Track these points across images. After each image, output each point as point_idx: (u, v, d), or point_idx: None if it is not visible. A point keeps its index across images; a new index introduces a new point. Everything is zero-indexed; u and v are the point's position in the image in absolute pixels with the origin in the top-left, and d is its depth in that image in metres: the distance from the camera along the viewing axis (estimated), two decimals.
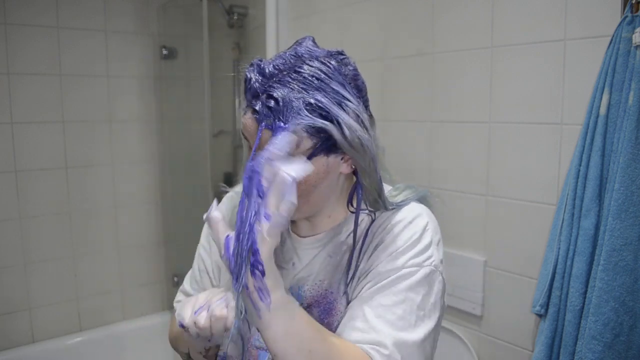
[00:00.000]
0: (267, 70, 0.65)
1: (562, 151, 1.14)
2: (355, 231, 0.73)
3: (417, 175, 1.47)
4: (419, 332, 0.66)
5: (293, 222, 0.79)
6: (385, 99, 1.53)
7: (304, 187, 0.67)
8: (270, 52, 1.83)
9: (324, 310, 0.74)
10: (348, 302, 0.72)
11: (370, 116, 0.72)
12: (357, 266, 0.73)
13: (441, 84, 1.39)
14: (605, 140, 1.00)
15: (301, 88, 0.63)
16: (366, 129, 0.67)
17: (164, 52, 2.13)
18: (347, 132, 0.64)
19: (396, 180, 0.80)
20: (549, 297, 1.10)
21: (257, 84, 0.65)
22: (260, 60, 0.67)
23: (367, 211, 0.74)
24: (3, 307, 1.93)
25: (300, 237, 0.78)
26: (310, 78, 0.64)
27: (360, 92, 0.69)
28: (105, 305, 2.19)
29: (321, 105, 0.63)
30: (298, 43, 0.70)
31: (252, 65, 0.67)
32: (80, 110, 2.05)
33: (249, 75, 0.66)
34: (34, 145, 1.96)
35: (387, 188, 0.78)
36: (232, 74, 2.16)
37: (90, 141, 2.10)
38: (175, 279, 2.23)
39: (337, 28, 1.69)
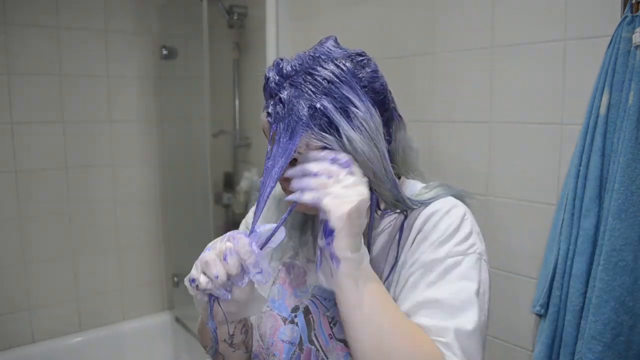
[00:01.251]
0: (284, 70, 0.65)
1: (562, 151, 1.14)
2: (369, 233, 0.71)
3: None
4: (478, 320, 0.64)
5: None
6: None
7: None
8: (270, 52, 1.82)
9: None
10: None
11: (390, 120, 0.71)
12: (396, 259, 0.71)
13: (441, 84, 1.39)
14: (605, 140, 1.00)
15: (311, 91, 0.63)
16: (371, 138, 0.65)
17: (164, 52, 2.13)
18: (345, 143, 0.63)
19: (429, 180, 0.80)
20: (549, 297, 1.10)
21: (273, 84, 0.66)
22: (281, 60, 0.67)
23: (397, 211, 0.73)
24: (3, 307, 1.93)
25: None
26: (321, 81, 0.63)
27: (378, 94, 0.68)
28: (105, 305, 2.19)
29: (324, 112, 0.62)
30: (320, 43, 0.69)
31: (273, 63, 0.68)
32: (80, 110, 2.05)
33: (267, 74, 0.67)
34: (34, 145, 1.96)
35: (418, 186, 0.78)
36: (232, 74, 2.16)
37: (90, 141, 2.09)
38: (175, 279, 2.23)
39: (337, 28, 1.69)
